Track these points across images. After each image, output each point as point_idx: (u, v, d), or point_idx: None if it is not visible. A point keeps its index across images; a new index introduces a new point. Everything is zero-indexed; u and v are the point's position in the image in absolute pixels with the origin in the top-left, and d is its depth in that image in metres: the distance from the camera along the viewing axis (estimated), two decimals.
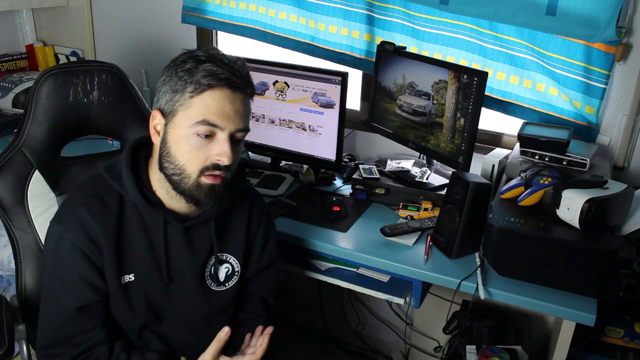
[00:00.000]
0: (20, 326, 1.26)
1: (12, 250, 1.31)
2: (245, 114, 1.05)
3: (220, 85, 1.00)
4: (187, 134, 1.02)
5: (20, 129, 1.30)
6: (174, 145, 1.03)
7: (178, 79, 1.02)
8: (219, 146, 1.02)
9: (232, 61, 1.03)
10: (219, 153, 1.02)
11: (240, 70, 1.03)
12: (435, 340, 2.07)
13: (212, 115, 1.00)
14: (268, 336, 1.14)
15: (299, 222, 1.62)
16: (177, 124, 1.03)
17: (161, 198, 1.10)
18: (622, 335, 1.50)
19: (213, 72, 0.99)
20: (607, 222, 1.31)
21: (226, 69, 1.00)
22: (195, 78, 1.00)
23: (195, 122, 1.00)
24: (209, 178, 1.04)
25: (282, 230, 1.57)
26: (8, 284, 2.19)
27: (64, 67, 1.33)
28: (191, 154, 1.02)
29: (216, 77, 1.00)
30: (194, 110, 1.01)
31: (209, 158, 1.03)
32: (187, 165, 1.03)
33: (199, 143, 1.02)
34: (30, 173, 1.30)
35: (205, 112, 1.00)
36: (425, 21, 1.83)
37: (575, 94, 1.66)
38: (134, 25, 2.49)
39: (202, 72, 1.00)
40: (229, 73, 1.00)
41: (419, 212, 1.65)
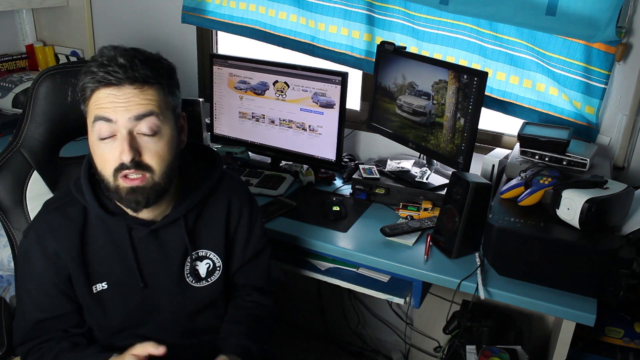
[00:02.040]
0: None
1: (11, 250, 1.31)
2: (142, 101, 1.00)
3: (100, 86, 0.99)
4: (94, 140, 1.02)
5: (19, 129, 1.31)
6: (92, 153, 1.04)
7: (78, 89, 1.03)
8: (119, 145, 0.99)
9: (110, 58, 0.99)
10: (120, 152, 0.99)
11: (115, 67, 0.98)
12: (435, 340, 2.07)
13: (101, 110, 0.99)
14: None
15: (299, 222, 1.62)
16: (88, 132, 1.03)
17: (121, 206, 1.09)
18: (622, 335, 1.50)
19: (92, 75, 0.99)
20: (607, 222, 1.31)
21: (102, 70, 0.98)
22: (82, 83, 1.00)
23: (92, 123, 1.00)
24: (124, 180, 1.01)
25: (282, 230, 1.57)
26: (8, 284, 2.18)
27: (61, 67, 1.33)
28: (102, 158, 1.02)
29: (93, 79, 0.99)
30: (90, 113, 1.01)
31: (116, 159, 1.00)
32: (103, 170, 1.03)
33: (104, 146, 1.01)
34: (29, 174, 1.30)
35: (95, 109, 1.00)
36: (425, 21, 1.83)
37: (575, 94, 1.66)
38: (134, 26, 2.49)
39: (86, 76, 1.00)
40: (104, 72, 0.98)
41: (419, 212, 1.65)
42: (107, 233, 1.10)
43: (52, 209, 1.11)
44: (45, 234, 1.08)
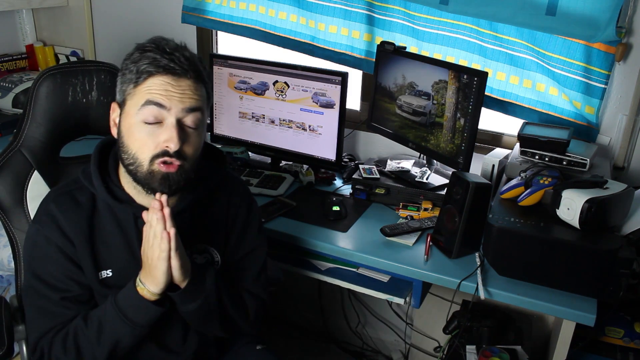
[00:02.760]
0: (20, 327, 1.25)
1: (11, 250, 1.31)
2: (194, 95, 1.04)
3: (159, 72, 1.01)
4: (136, 121, 1.03)
5: (19, 129, 1.31)
6: (126, 134, 1.05)
7: (127, 71, 1.04)
8: (167, 132, 1.02)
9: (174, 48, 1.03)
10: (166, 139, 1.02)
11: (181, 57, 1.03)
12: (435, 340, 2.07)
13: (155, 95, 1.01)
14: None
15: (299, 222, 1.62)
16: (127, 112, 1.04)
17: (130, 194, 1.11)
18: (622, 335, 1.51)
19: (154, 60, 1.01)
20: (607, 222, 1.31)
21: (166, 56, 1.01)
22: (137, 66, 1.02)
23: (141, 106, 1.01)
24: (162, 166, 1.03)
25: (282, 230, 1.57)
26: (8, 284, 2.19)
27: (62, 67, 1.33)
28: (141, 142, 1.03)
29: (155, 64, 1.01)
30: (139, 96, 1.02)
31: (159, 145, 1.02)
32: (139, 153, 1.03)
33: (147, 130, 1.02)
34: (30, 173, 1.30)
35: (147, 94, 1.01)
36: (425, 21, 1.83)
37: (575, 94, 1.66)
38: (134, 26, 2.49)
39: (145, 60, 1.02)
40: (168, 60, 1.01)
41: (419, 212, 1.65)
42: (114, 220, 1.11)
43: (61, 193, 1.12)
44: (57, 215, 1.08)
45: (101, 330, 1.06)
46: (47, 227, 1.08)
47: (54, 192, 1.14)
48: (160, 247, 1.00)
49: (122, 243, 1.12)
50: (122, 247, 1.12)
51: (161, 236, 1.00)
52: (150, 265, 1.02)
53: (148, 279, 1.03)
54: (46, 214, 1.09)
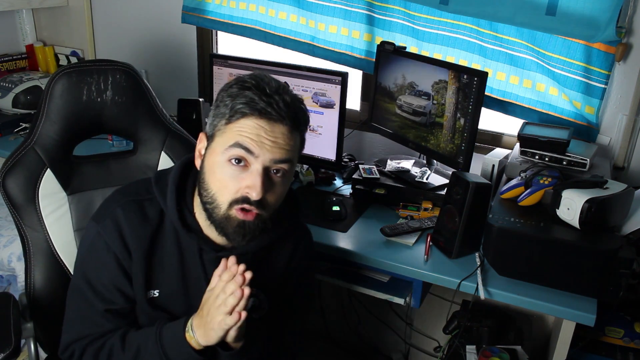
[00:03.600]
0: (28, 324, 1.26)
1: (21, 248, 1.30)
2: (286, 146, 0.98)
3: (254, 115, 0.95)
4: (221, 160, 0.98)
5: (33, 127, 1.30)
6: (208, 171, 1.00)
7: (222, 104, 0.98)
8: (251, 178, 0.96)
9: (275, 90, 0.97)
10: (249, 185, 0.96)
11: (281, 101, 0.96)
12: (435, 340, 2.07)
13: (245, 139, 0.95)
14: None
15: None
16: (213, 149, 0.99)
17: (200, 223, 1.07)
18: (622, 335, 1.51)
19: (251, 100, 0.95)
20: (607, 222, 1.31)
21: (265, 98, 0.95)
22: (233, 103, 0.96)
23: (229, 146, 0.96)
24: (239, 213, 0.98)
25: None
26: (8, 284, 2.19)
27: (78, 66, 1.33)
28: (222, 183, 0.98)
29: (251, 105, 0.95)
30: (229, 135, 0.97)
31: (240, 190, 0.97)
32: (218, 194, 0.98)
33: (231, 172, 0.97)
34: (42, 171, 1.29)
35: (238, 135, 0.96)
36: (425, 21, 1.83)
37: (575, 94, 1.66)
38: (134, 25, 2.49)
39: (242, 98, 0.96)
40: (266, 103, 0.95)
41: (419, 212, 1.65)
42: (176, 244, 1.07)
43: (131, 200, 1.07)
44: (122, 223, 1.04)
45: (137, 357, 1.03)
46: (109, 232, 1.04)
47: (123, 197, 1.08)
48: (226, 320, 0.94)
49: (178, 268, 1.08)
50: (177, 272, 1.08)
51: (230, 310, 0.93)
52: (208, 323, 0.96)
53: (200, 331, 0.98)
54: (111, 218, 1.05)
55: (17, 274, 2.09)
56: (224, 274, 0.97)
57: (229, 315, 0.93)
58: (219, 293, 0.96)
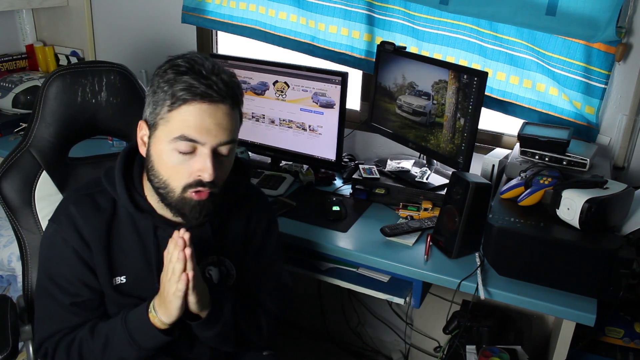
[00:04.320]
0: (26, 327, 1.26)
1: (18, 250, 1.31)
2: (230, 126, 1.00)
3: (196, 100, 0.96)
4: (167, 149, 0.99)
5: (28, 129, 1.30)
6: (156, 159, 1.02)
7: (160, 90, 0.98)
8: (201, 162, 0.98)
9: (211, 71, 0.98)
10: (200, 169, 0.99)
11: (219, 82, 0.97)
12: (435, 340, 2.07)
13: (191, 130, 0.96)
14: None
15: (299, 222, 1.62)
16: (158, 138, 1.00)
17: (152, 204, 1.10)
18: (622, 335, 1.51)
19: (190, 86, 0.95)
20: (607, 222, 1.31)
21: (203, 81, 0.96)
22: (173, 90, 0.96)
23: (174, 138, 0.97)
24: (194, 195, 1.01)
25: (282, 230, 1.55)
26: (8, 284, 2.19)
27: (72, 67, 1.33)
28: (173, 170, 1.00)
29: (192, 91, 0.95)
30: (173, 125, 0.97)
31: (192, 174, 0.99)
32: (170, 180, 1.01)
33: (180, 159, 0.99)
34: (38, 174, 1.30)
35: (182, 127, 0.97)
36: (425, 21, 1.83)
37: (575, 94, 1.66)
38: (134, 25, 2.49)
39: (180, 84, 0.96)
40: (205, 86, 0.95)
41: (419, 212, 1.65)
42: (133, 228, 1.10)
43: (82, 194, 1.10)
44: (76, 218, 1.07)
45: (107, 345, 1.05)
46: (65, 228, 1.07)
47: (74, 193, 1.12)
48: (177, 286, 0.97)
49: (139, 251, 1.11)
50: (139, 255, 1.11)
51: (179, 276, 0.97)
52: (166, 298, 1.00)
53: (162, 309, 1.01)
54: (65, 215, 1.08)
55: (17, 274, 2.09)
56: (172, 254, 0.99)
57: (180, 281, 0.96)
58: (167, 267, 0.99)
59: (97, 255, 1.08)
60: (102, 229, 1.08)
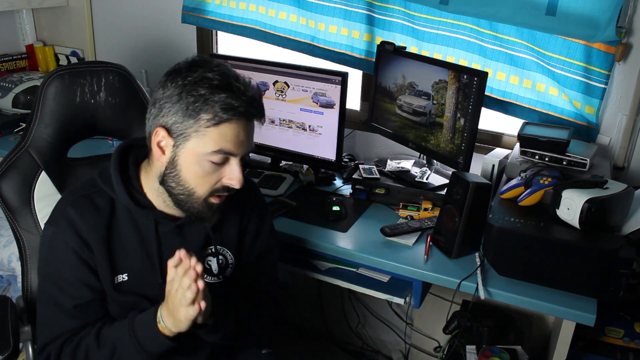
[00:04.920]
0: (26, 327, 1.26)
1: (18, 251, 1.31)
2: (253, 136, 1.08)
3: (238, 118, 1.01)
4: (201, 160, 1.02)
5: (27, 130, 1.30)
6: (185, 168, 1.03)
7: (191, 104, 0.99)
8: (232, 171, 1.04)
9: (247, 88, 1.02)
10: (231, 178, 1.04)
11: (257, 99, 1.03)
12: (435, 340, 2.07)
13: (229, 145, 1.01)
14: None
15: (299, 222, 1.62)
16: (191, 150, 1.02)
17: (152, 201, 1.11)
18: (622, 335, 1.51)
19: (232, 106, 0.99)
20: (607, 222, 1.31)
21: (243, 100, 1.00)
22: (213, 108, 0.98)
23: (212, 152, 1.01)
24: (216, 199, 1.07)
25: (282, 230, 1.56)
26: (8, 284, 2.19)
27: (71, 68, 1.33)
28: (203, 179, 1.04)
29: (236, 110, 0.99)
30: (211, 139, 1.00)
31: (220, 181, 1.05)
32: (198, 188, 1.04)
33: (212, 169, 1.03)
34: (37, 174, 1.30)
35: (222, 142, 1.01)
36: (425, 21, 1.83)
37: (575, 94, 1.66)
38: (134, 25, 2.49)
39: (221, 103, 0.98)
40: (248, 105, 1.01)
41: (419, 212, 1.65)
42: (133, 225, 1.11)
43: (79, 195, 1.10)
44: (75, 219, 1.06)
45: (114, 353, 1.05)
46: (64, 231, 1.07)
47: (71, 195, 1.11)
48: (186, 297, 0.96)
49: (140, 248, 1.11)
50: (139, 252, 1.11)
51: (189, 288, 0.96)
52: (175, 314, 0.99)
53: (170, 319, 1.01)
54: (64, 217, 1.08)
55: (17, 274, 2.09)
56: (179, 267, 0.98)
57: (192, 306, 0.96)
58: (177, 287, 0.98)
59: (97, 255, 1.08)
60: (102, 228, 1.08)
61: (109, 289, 1.10)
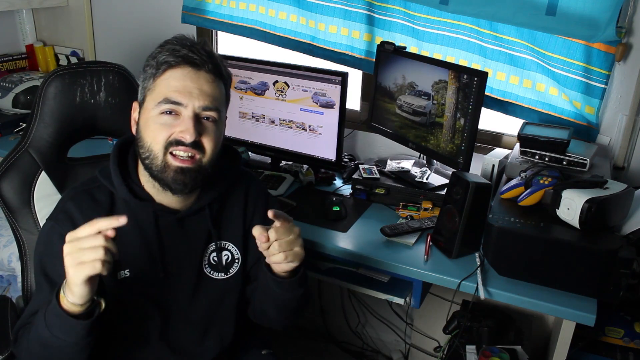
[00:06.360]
0: None
1: (17, 251, 1.31)
2: (212, 93, 1.05)
3: (178, 63, 1.02)
4: (153, 114, 1.04)
5: (27, 129, 1.30)
6: (143, 129, 1.06)
7: (147, 67, 1.06)
8: (182, 123, 1.03)
9: (194, 42, 1.05)
10: (182, 130, 1.02)
11: (202, 50, 1.04)
12: (435, 340, 2.07)
13: (173, 93, 1.02)
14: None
15: (299, 222, 1.61)
16: (146, 108, 1.06)
17: (150, 193, 1.11)
18: (622, 335, 1.51)
19: (173, 50, 1.02)
20: (607, 222, 1.31)
21: (186, 46, 1.03)
22: (157, 59, 1.04)
23: (159, 102, 1.03)
24: (176, 160, 1.03)
25: None
26: (8, 284, 2.19)
27: (71, 68, 1.33)
28: (155, 132, 1.04)
29: (174, 54, 1.02)
30: (158, 91, 1.04)
31: (173, 135, 1.03)
32: (153, 143, 1.04)
33: (163, 121, 1.03)
34: (37, 174, 1.30)
35: (166, 90, 1.02)
36: (425, 21, 1.83)
37: (575, 94, 1.66)
38: (134, 25, 2.49)
39: (164, 52, 1.03)
40: (187, 50, 1.02)
41: (419, 212, 1.65)
42: (133, 219, 1.10)
43: (80, 191, 1.11)
44: (74, 213, 1.06)
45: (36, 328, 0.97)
46: (62, 224, 1.06)
47: (71, 191, 1.12)
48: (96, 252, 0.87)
49: (140, 242, 1.11)
50: (140, 246, 1.11)
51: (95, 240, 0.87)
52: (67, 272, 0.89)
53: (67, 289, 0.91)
54: (63, 211, 1.08)
55: (17, 274, 2.09)
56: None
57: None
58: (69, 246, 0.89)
59: None
60: None
61: (110, 286, 1.08)
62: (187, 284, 1.16)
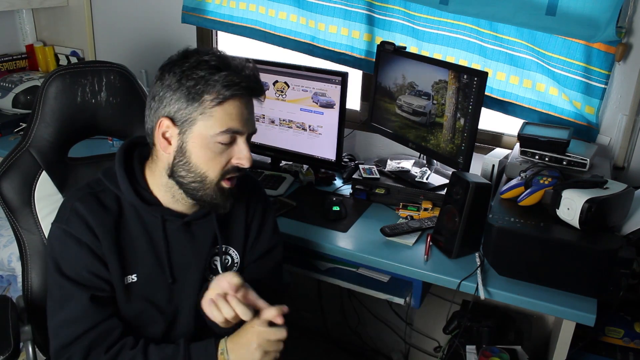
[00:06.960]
0: (26, 327, 1.25)
1: (18, 251, 1.30)
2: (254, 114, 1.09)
3: (242, 95, 1.02)
4: (209, 142, 1.02)
5: (28, 129, 1.30)
6: (194, 154, 1.03)
7: (192, 87, 1.00)
8: (240, 150, 1.04)
9: (244, 65, 1.04)
10: (240, 157, 1.04)
11: (256, 75, 1.05)
12: (435, 340, 2.07)
13: (235, 123, 1.02)
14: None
15: (299, 222, 1.62)
16: (198, 133, 1.02)
17: (159, 198, 1.10)
18: (622, 335, 1.51)
19: (234, 82, 1.00)
20: (607, 222, 1.31)
21: (244, 76, 1.02)
22: (215, 88, 0.99)
23: (221, 132, 1.01)
24: (227, 182, 1.06)
25: (282, 230, 1.55)
26: (8, 284, 2.19)
27: (72, 67, 1.33)
28: (213, 161, 1.03)
29: (238, 86, 1.01)
30: (217, 120, 1.01)
31: (229, 162, 1.05)
32: (210, 171, 1.04)
33: (220, 150, 1.03)
34: (38, 174, 1.29)
35: (228, 121, 1.01)
36: (425, 21, 1.83)
37: (575, 94, 1.66)
38: (134, 25, 2.49)
39: (222, 81, 0.99)
40: (249, 80, 1.02)
41: (419, 212, 1.65)
42: (140, 224, 1.09)
43: (86, 193, 1.08)
44: (85, 214, 1.05)
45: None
46: (76, 226, 1.05)
47: (77, 192, 1.10)
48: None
49: (148, 247, 1.10)
50: (148, 251, 1.10)
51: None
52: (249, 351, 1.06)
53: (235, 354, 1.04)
54: (73, 213, 1.05)
55: (17, 274, 2.09)
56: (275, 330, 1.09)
57: None
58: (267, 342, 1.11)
59: (107, 253, 1.06)
60: (111, 226, 1.07)
61: (118, 288, 1.08)
62: (193, 289, 1.15)
